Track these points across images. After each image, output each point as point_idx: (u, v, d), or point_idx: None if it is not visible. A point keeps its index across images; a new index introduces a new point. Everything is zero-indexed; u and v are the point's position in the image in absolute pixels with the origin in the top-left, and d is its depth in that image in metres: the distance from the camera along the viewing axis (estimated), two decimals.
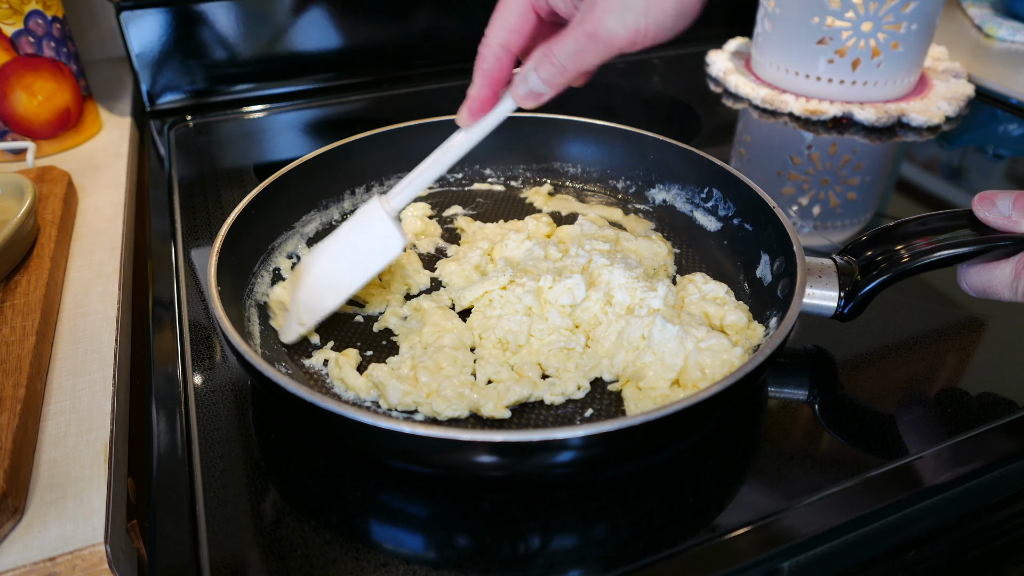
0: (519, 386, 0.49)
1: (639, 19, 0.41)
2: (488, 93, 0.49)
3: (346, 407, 0.40)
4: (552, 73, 0.45)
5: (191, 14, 0.91)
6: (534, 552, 0.41)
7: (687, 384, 0.49)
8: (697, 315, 0.54)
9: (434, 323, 0.54)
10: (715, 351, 0.50)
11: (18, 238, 0.59)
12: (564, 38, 0.44)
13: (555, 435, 0.38)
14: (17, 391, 0.47)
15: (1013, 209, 0.48)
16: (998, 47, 1.16)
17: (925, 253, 0.50)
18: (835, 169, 0.85)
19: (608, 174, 0.76)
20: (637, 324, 0.52)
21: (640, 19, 0.41)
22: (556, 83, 0.46)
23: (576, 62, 0.44)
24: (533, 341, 0.53)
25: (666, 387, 0.49)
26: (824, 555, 0.43)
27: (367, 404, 0.50)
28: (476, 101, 0.49)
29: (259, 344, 0.53)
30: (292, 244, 0.65)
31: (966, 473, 0.46)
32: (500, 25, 0.47)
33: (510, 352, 0.53)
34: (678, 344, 0.50)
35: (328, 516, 0.43)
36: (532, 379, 0.50)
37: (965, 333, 0.58)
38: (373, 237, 0.53)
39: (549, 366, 0.51)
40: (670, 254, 0.64)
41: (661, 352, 0.50)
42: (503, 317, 0.54)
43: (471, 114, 0.50)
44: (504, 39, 0.47)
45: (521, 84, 0.47)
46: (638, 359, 0.51)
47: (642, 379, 0.50)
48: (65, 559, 0.41)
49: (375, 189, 0.73)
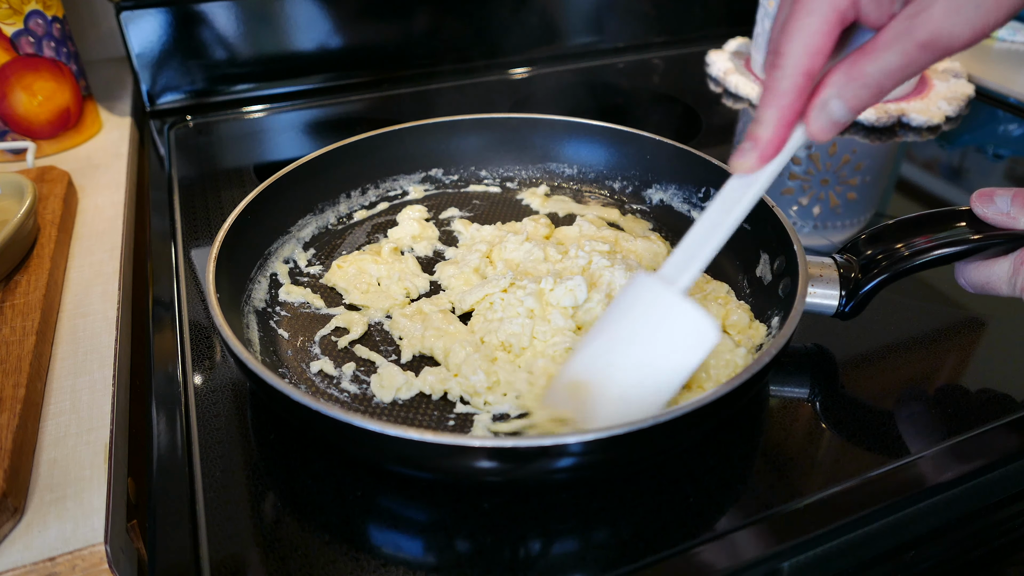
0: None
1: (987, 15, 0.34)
2: (783, 133, 0.40)
3: (352, 414, 0.39)
4: (862, 97, 0.38)
5: (191, 14, 0.91)
6: (534, 554, 0.41)
7: (691, 385, 0.49)
8: None
9: (435, 327, 0.54)
10: (718, 352, 0.49)
11: (18, 238, 0.59)
12: (880, 52, 0.36)
13: (554, 441, 0.38)
14: (17, 391, 0.47)
15: (1012, 205, 0.48)
16: (998, 47, 1.16)
17: (925, 251, 0.50)
18: (835, 169, 0.85)
19: (605, 175, 0.76)
20: None
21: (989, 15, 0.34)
22: (863, 107, 0.39)
23: (895, 78, 0.37)
24: (536, 343, 0.53)
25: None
26: (824, 555, 0.43)
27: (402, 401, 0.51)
28: (769, 144, 0.40)
29: (259, 351, 0.53)
30: (288, 249, 0.65)
31: (966, 473, 0.46)
32: (800, 46, 0.38)
33: (513, 355, 0.53)
34: None
35: (328, 517, 0.43)
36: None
37: (965, 333, 0.58)
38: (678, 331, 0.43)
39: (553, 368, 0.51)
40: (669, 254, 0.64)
41: None
42: (505, 320, 0.54)
43: (762, 159, 0.41)
44: (807, 65, 0.38)
45: (820, 115, 0.39)
46: None
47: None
48: (65, 559, 0.41)
49: (370, 191, 0.73)
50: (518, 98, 1.01)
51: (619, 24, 1.14)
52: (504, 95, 1.02)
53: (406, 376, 0.51)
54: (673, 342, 0.43)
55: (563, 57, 1.12)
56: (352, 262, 0.62)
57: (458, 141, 0.76)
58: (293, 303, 0.59)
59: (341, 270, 0.62)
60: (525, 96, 1.02)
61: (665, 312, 0.43)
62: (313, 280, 0.62)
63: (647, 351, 0.44)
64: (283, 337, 0.56)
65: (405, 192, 0.75)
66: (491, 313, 0.55)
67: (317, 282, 0.62)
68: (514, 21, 1.08)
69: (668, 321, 0.43)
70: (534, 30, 1.10)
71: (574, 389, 0.46)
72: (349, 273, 0.61)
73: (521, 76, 1.09)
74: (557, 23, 1.11)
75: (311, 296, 0.60)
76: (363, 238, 0.68)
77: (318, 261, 0.65)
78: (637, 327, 0.44)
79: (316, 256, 0.66)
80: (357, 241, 0.68)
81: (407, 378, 0.51)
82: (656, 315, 0.44)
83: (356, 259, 0.62)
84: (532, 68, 1.10)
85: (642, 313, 0.44)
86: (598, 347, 0.46)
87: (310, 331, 0.57)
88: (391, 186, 0.74)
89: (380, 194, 0.74)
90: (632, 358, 0.44)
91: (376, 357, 0.54)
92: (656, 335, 0.44)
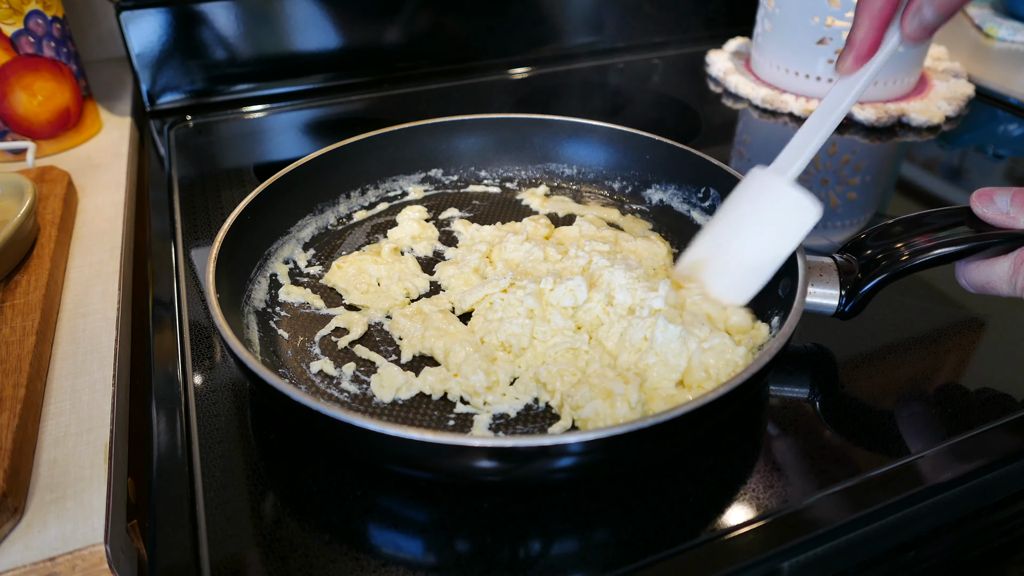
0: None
1: None
2: (876, 35, 0.46)
3: (352, 414, 0.39)
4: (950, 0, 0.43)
5: (191, 14, 0.91)
6: (534, 553, 0.41)
7: (692, 384, 0.49)
8: (699, 315, 0.54)
9: (435, 327, 0.54)
10: (719, 351, 0.50)
11: (18, 238, 0.59)
12: None
13: (553, 441, 0.38)
14: (17, 391, 0.47)
15: (1011, 205, 0.48)
16: (998, 47, 1.16)
17: (925, 250, 0.50)
18: (835, 169, 0.85)
19: (604, 175, 0.76)
20: (639, 325, 0.52)
21: None
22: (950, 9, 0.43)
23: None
24: (536, 344, 0.53)
25: (671, 388, 0.49)
26: (824, 555, 0.43)
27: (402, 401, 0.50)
28: (864, 44, 0.46)
29: (259, 351, 0.53)
30: (288, 249, 0.65)
31: (966, 472, 0.46)
32: None
33: (513, 355, 0.53)
34: (681, 345, 0.50)
35: (328, 517, 0.43)
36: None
37: (965, 332, 0.58)
38: (785, 212, 0.51)
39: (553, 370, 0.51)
40: (669, 254, 0.64)
41: (664, 353, 0.50)
42: (505, 320, 0.54)
43: (857, 60, 0.47)
44: None
45: (914, 19, 0.44)
46: (641, 360, 0.50)
47: (646, 380, 0.49)
48: (65, 559, 0.41)
49: (370, 192, 0.73)
50: (518, 98, 1.01)
51: (619, 24, 1.14)
52: (504, 95, 1.02)
53: (406, 376, 0.51)
54: (781, 221, 0.51)
55: (563, 57, 1.12)
56: (352, 262, 0.62)
57: (458, 141, 0.76)
58: (293, 303, 0.59)
59: (341, 270, 0.62)
60: (525, 96, 1.02)
61: (774, 196, 0.51)
62: (313, 280, 0.62)
63: (758, 229, 0.52)
64: (283, 337, 0.56)
65: (405, 192, 0.75)
66: (491, 313, 0.55)
67: (317, 282, 0.62)
68: (514, 21, 1.08)
69: (778, 203, 0.51)
70: (534, 30, 1.10)
71: (696, 266, 0.55)
72: (349, 273, 0.61)
73: (521, 76, 1.09)
74: (557, 23, 1.11)
75: (311, 296, 0.60)
76: (363, 238, 0.68)
77: (318, 261, 0.65)
78: (751, 210, 0.52)
79: (316, 256, 0.66)
80: (357, 241, 0.68)
81: (407, 378, 0.51)
82: (766, 198, 0.51)
83: (356, 259, 0.62)
84: (532, 68, 1.10)
85: (755, 198, 0.52)
86: (719, 229, 0.54)
87: (310, 331, 0.57)
88: (391, 186, 0.74)
89: (380, 194, 0.74)
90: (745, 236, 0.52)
91: (376, 357, 0.54)
92: (766, 215, 0.51)
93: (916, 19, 0.44)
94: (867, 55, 0.47)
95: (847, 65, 0.47)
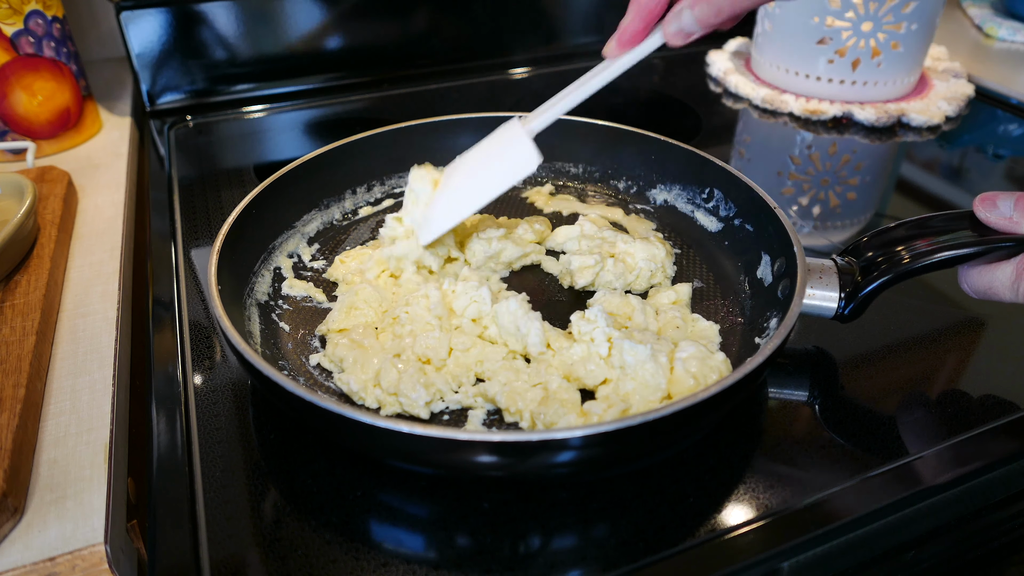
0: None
1: None
2: (640, 27, 0.49)
3: (345, 407, 0.40)
4: (708, 13, 0.46)
5: (191, 14, 0.91)
6: (534, 552, 0.41)
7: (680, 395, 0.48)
8: (673, 335, 0.54)
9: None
10: (699, 358, 0.49)
11: (18, 238, 0.59)
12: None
13: (555, 435, 0.38)
14: (17, 391, 0.47)
15: (1014, 210, 0.48)
16: (998, 47, 1.16)
17: (926, 254, 0.50)
18: (835, 169, 0.85)
19: (610, 174, 0.76)
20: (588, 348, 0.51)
21: None
22: (710, 23, 0.47)
23: (737, 3, 0.45)
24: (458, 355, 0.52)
25: (657, 404, 0.48)
26: (824, 555, 0.43)
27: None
28: (627, 32, 0.50)
29: (259, 343, 0.53)
30: (293, 243, 0.65)
31: (966, 473, 0.46)
32: None
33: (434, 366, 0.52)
34: (655, 364, 0.49)
35: (328, 516, 0.43)
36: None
37: (965, 333, 0.58)
38: (510, 153, 0.55)
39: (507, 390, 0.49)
40: (669, 255, 0.63)
41: (641, 376, 0.49)
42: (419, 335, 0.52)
43: (620, 44, 0.51)
44: None
45: (673, 21, 0.48)
46: (619, 389, 0.49)
47: (631, 407, 0.48)
48: (65, 559, 0.41)
49: (376, 188, 0.73)
50: (518, 98, 1.01)
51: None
52: (504, 95, 1.02)
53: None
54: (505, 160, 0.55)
55: (563, 57, 1.12)
56: (354, 257, 0.62)
57: (463, 139, 0.75)
58: (296, 297, 0.60)
59: (344, 265, 0.62)
60: (524, 96, 1.02)
61: (507, 138, 0.56)
62: (316, 275, 0.63)
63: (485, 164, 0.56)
64: (284, 330, 0.56)
65: None
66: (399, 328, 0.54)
67: (320, 276, 0.63)
68: (514, 21, 1.08)
69: (508, 145, 0.55)
70: (534, 30, 1.10)
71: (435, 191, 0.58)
72: (351, 268, 0.61)
73: (521, 76, 1.09)
74: (557, 23, 1.11)
75: (313, 290, 0.60)
76: (367, 234, 0.69)
77: (322, 256, 0.65)
78: (488, 144, 0.57)
79: (320, 251, 0.66)
80: (361, 237, 0.68)
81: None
82: (501, 139, 0.56)
83: (358, 254, 0.62)
84: (532, 68, 1.10)
85: (495, 138, 0.57)
86: (453, 166, 0.59)
87: (311, 325, 0.57)
88: (396, 183, 0.75)
89: (385, 191, 0.74)
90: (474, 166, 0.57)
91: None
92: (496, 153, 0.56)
93: (675, 23, 0.47)
94: (629, 43, 0.50)
95: (610, 48, 0.51)
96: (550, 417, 0.47)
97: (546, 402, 0.47)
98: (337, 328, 0.55)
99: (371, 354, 0.51)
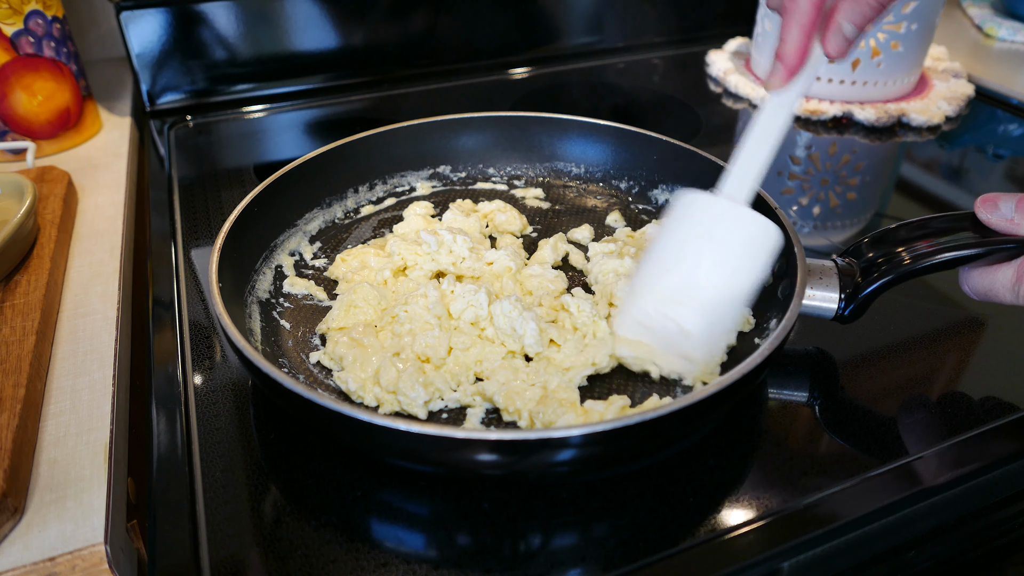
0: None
1: None
2: (803, 41, 0.47)
3: (344, 405, 0.40)
4: (866, 14, 0.45)
5: (191, 14, 0.91)
6: (534, 551, 0.41)
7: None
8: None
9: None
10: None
11: (18, 238, 0.59)
12: None
13: (552, 434, 0.38)
14: (17, 391, 0.47)
15: (1016, 212, 0.48)
16: (998, 47, 1.16)
17: (927, 255, 0.49)
18: (835, 169, 0.85)
19: (611, 174, 0.76)
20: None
21: None
22: (865, 21, 0.45)
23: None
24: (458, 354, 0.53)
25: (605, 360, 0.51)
26: (824, 555, 0.43)
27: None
28: (791, 51, 0.47)
29: (260, 341, 0.53)
30: (295, 241, 0.65)
31: (966, 473, 0.46)
32: None
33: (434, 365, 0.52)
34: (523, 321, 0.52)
35: (328, 516, 0.43)
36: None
37: (965, 334, 0.58)
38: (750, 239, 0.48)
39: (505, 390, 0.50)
40: None
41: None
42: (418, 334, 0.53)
43: (788, 68, 0.47)
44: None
45: (835, 36, 0.46)
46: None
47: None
48: (65, 559, 0.41)
49: (378, 187, 0.73)
50: (518, 98, 1.01)
51: (619, 24, 1.14)
52: (504, 95, 1.02)
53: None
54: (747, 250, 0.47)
55: (563, 57, 1.12)
56: (355, 255, 0.62)
57: (466, 138, 0.76)
58: (297, 295, 0.60)
59: (345, 263, 0.62)
60: (524, 96, 1.02)
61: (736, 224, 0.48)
62: (318, 273, 0.63)
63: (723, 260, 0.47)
64: (285, 328, 0.56)
65: (412, 188, 0.75)
66: (398, 327, 0.54)
67: (321, 275, 0.63)
68: (514, 21, 1.08)
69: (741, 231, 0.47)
70: (534, 30, 1.10)
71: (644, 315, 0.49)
72: (352, 266, 0.61)
73: (521, 76, 1.09)
74: (557, 23, 1.11)
75: (314, 288, 0.60)
76: (369, 232, 0.69)
77: (323, 254, 0.65)
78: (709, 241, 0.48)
79: (322, 249, 0.66)
80: (363, 235, 0.68)
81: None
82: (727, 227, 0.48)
83: (359, 252, 0.63)
84: (532, 68, 1.10)
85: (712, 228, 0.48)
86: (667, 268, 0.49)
87: (312, 323, 0.57)
88: (399, 182, 0.75)
89: (388, 190, 0.74)
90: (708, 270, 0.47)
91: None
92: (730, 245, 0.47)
93: (838, 36, 0.46)
94: (795, 67, 0.47)
95: (778, 80, 0.48)
96: (548, 416, 0.47)
97: (544, 401, 0.48)
98: (337, 326, 0.55)
99: (371, 352, 0.51)
